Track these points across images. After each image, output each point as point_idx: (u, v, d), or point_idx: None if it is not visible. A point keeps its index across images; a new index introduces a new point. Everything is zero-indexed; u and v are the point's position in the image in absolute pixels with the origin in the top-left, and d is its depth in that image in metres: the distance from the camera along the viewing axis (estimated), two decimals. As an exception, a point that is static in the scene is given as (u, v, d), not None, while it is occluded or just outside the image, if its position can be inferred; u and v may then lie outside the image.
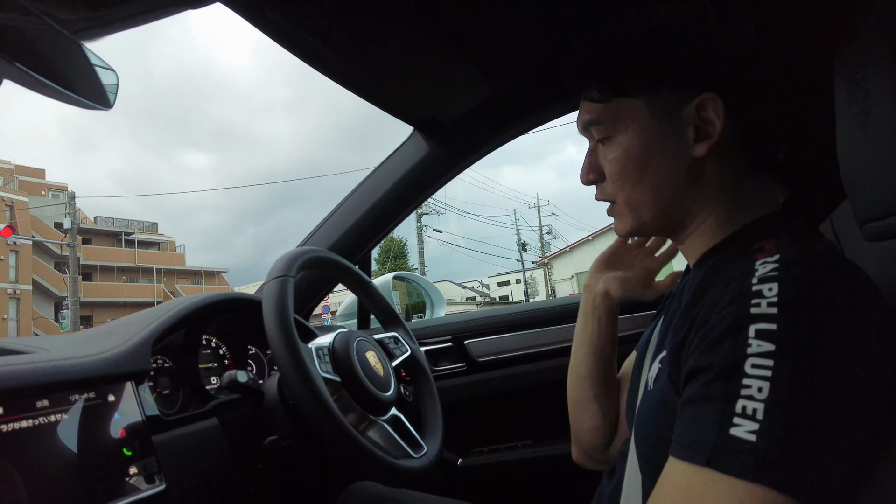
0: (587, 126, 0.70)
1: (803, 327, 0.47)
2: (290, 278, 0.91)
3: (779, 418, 0.45)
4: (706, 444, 0.47)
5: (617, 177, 0.68)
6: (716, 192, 0.67)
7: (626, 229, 0.71)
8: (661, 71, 0.64)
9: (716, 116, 0.63)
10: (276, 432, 0.92)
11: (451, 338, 1.54)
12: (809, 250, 0.55)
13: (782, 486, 0.44)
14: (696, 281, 0.63)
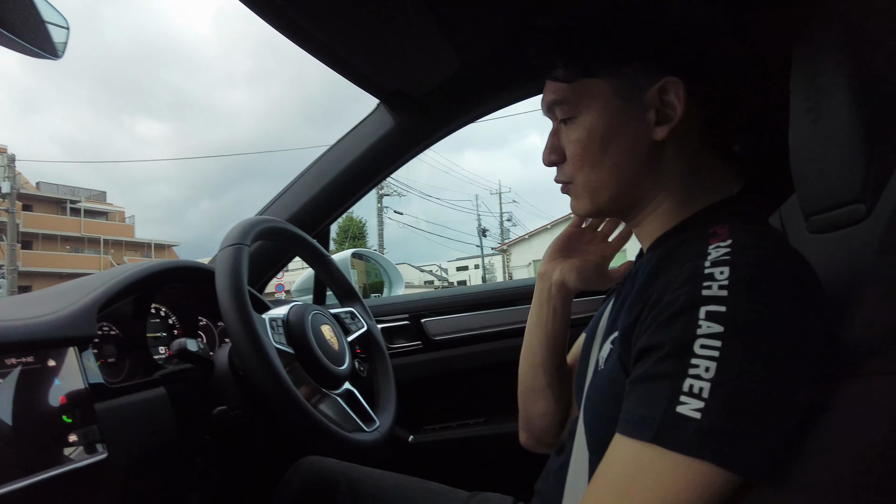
0: (552, 106, 0.71)
1: (751, 310, 0.49)
2: (244, 247, 0.88)
3: (723, 397, 0.47)
4: (653, 421, 0.49)
5: (578, 157, 0.68)
6: (674, 176, 0.68)
7: (583, 209, 0.72)
8: (626, 51, 0.65)
9: (677, 100, 0.64)
10: (226, 403, 0.90)
11: (408, 316, 1.54)
12: (760, 236, 0.56)
13: (722, 461, 0.46)
14: (651, 263, 0.65)
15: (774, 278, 0.51)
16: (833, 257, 0.71)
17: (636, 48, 0.65)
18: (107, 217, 31.52)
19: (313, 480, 0.99)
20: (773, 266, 0.52)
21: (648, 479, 0.49)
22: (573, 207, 0.74)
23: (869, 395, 0.49)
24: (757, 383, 0.47)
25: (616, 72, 0.65)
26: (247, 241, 0.90)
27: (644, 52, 0.65)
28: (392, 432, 1.03)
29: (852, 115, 0.65)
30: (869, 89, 0.64)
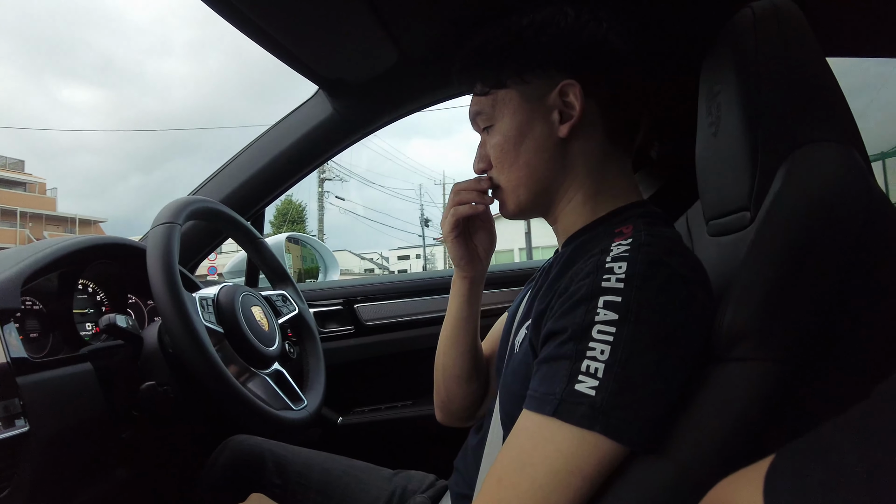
0: (475, 117, 0.79)
1: (641, 300, 0.56)
2: (176, 226, 0.89)
3: (614, 377, 0.54)
4: (554, 397, 0.55)
5: (498, 160, 0.76)
6: (582, 171, 0.75)
7: (510, 211, 0.79)
8: (528, 63, 0.73)
9: (575, 100, 0.72)
10: (155, 379, 0.91)
11: (341, 301, 1.57)
12: (656, 237, 0.63)
13: (610, 432, 0.53)
14: (564, 257, 0.72)
15: (663, 274, 0.58)
16: (725, 258, 0.79)
17: (535, 61, 0.73)
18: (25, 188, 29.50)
19: (241, 457, 1.01)
20: (664, 263, 0.59)
21: (548, 449, 0.55)
22: (501, 212, 0.81)
23: (731, 378, 0.56)
24: (643, 365, 0.54)
25: (521, 80, 0.73)
26: (179, 220, 0.90)
27: (543, 61, 0.73)
28: (319, 411, 1.05)
29: (743, 131, 0.73)
30: (757, 108, 0.71)
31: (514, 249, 23.47)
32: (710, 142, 0.84)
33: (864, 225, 0.59)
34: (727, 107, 0.77)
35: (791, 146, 0.69)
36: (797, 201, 0.62)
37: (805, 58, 0.71)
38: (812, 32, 0.73)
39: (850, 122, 0.71)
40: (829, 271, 0.58)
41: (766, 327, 0.57)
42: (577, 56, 0.73)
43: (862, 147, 0.70)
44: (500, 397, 0.75)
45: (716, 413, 0.56)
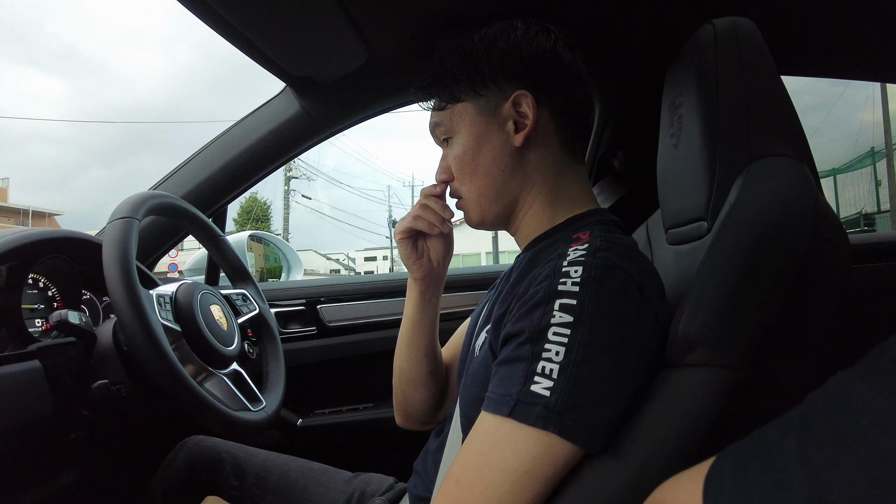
0: (434, 130, 0.81)
1: (595, 303, 0.57)
2: (135, 220, 0.87)
3: (568, 378, 0.55)
4: (510, 398, 0.56)
5: (459, 171, 0.78)
6: (540, 179, 0.77)
7: (474, 220, 0.81)
8: (480, 76, 0.76)
9: (528, 109, 0.74)
10: (108, 378, 0.88)
11: (304, 301, 1.55)
12: (612, 243, 0.65)
13: (564, 433, 0.54)
14: (525, 262, 0.74)
15: (619, 279, 0.59)
16: (682, 266, 0.81)
17: (487, 72, 0.75)
18: (-28, 177, 28.21)
19: (197, 459, 0.99)
20: (619, 268, 0.60)
21: (505, 449, 0.56)
22: (466, 221, 0.82)
23: (686, 383, 0.58)
24: (596, 367, 0.55)
25: (475, 93, 0.76)
26: (138, 215, 0.88)
27: (494, 74, 0.75)
28: (278, 413, 1.04)
29: (702, 143, 0.75)
30: (715, 121, 0.74)
31: (482, 253, 23.62)
32: (671, 153, 0.86)
33: (811, 237, 0.62)
34: (688, 119, 0.79)
35: (747, 160, 0.71)
36: (751, 213, 0.64)
37: (762, 75, 0.74)
38: (769, 51, 0.76)
39: (802, 138, 0.74)
40: (779, 281, 0.60)
41: (719, 334, 0.58)
42: (527, 67, 0.75)
43: (812, 163, 0.73)
44: (460, 401, 0.75)
45: (671, 417, 0.57)
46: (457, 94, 0.77)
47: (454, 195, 0.82)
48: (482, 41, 0.76)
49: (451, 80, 0.77)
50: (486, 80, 0.75)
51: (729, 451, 0.36)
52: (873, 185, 12.99)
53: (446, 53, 0.79)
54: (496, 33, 0.76)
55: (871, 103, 13.14)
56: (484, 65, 0.75)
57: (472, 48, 0.76)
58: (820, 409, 0.30)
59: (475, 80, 0.76)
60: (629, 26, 1.13)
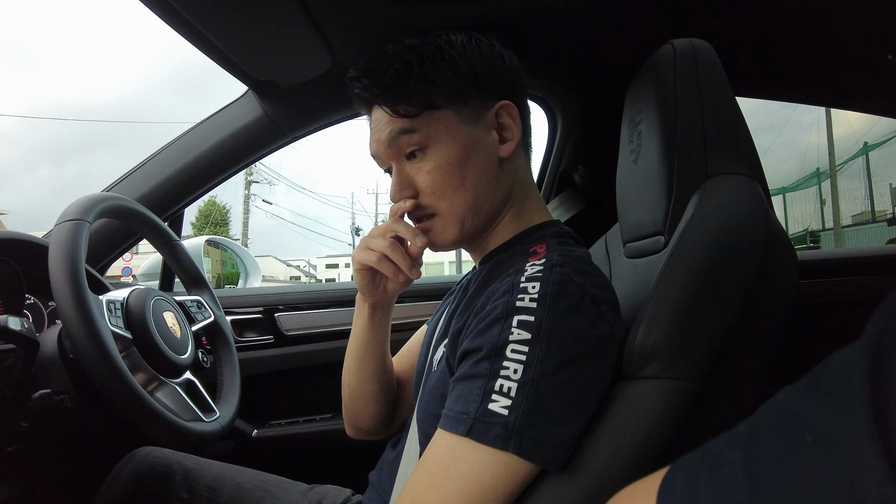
0: (398, 139, 0.72)
1: (552, 320, 0.56)
2: (85, 223, 0.84)
3: (526, 396, 0.54)
4: (468, 416, 0.55)
5: (438, 186, 0.71)
6: (514, 192, 0.76)
7: (450, 239, 0.74)
8: (466, 84, 0.72)
9: (512, 120, 0.74)
10: (51, 387, 0.84)
11: (262, 309, 1.52)
12: (570, 256, 0.65)
13: (523, 453, 0.54)
14: (482, 275, 0.73)
15: (575, 294, 0.59)
16: (639, 280, 0.82)
17: (475, 82, 0.72)
18: None
19: (146, 471, 0.95)
20: (575, 283, 0.60)
21: (462, 468, 0.55)
22: (438, 241, 0.75)
23: (642, 395, 0.59)
24: (554, 385, 0.55)
25: (460, 101, 0.71)
26: (88, 217, 0.85)
27: (481, 84, 0.72)
28: (233, 423, 1.01)
29: (661, 160, 0.77)
30: (674, 139, 0.76)
31: (445, 262, 23.57)
32: (631, 168, 0.88)
33: (763, 253, 0.64)
34: (647, 136, 0.81)
35: (703, 176, 0.73)
36: (706, 229, 0.66)
37: (718, 95, 0.77)
38: (724, 73, 0.78)
39: (755, 157, 0.77)
40: (732, 295, 0.62)
41: (675, 346, 0.60)
42: (509, 78, 0.75)
43: (764, 181, 0.76)
44: (417, 415, 0.74)
45: (627, 428, 0.58)
46: (435, 101, 0.71)
47: (422, 213, 0.74)
48: (454, 49, 0.72)
49: (427, 85, 0.70)
50: (472, 89, 0.72)
51: (681, 462, 0.36)
52: (819, 204, 13.59)
53: (425, 53, 0.72)
54: (466, 43, 0.74)
55: (818, 126, 13.77)
56: (470, 72, 0.72)
57: (445, 54, 0.72)
58: (766, 423, 0.30)
59: (460, 87, 0.71)
60: (591, 44, 1.15)
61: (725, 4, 1.03)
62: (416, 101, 0.70)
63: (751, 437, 0.31)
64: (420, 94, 0.70)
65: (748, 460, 0.30)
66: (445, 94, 0.71)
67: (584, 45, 1.15)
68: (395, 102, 0.71)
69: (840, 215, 12.76)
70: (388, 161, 0.75)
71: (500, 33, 1.06)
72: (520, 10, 1.01)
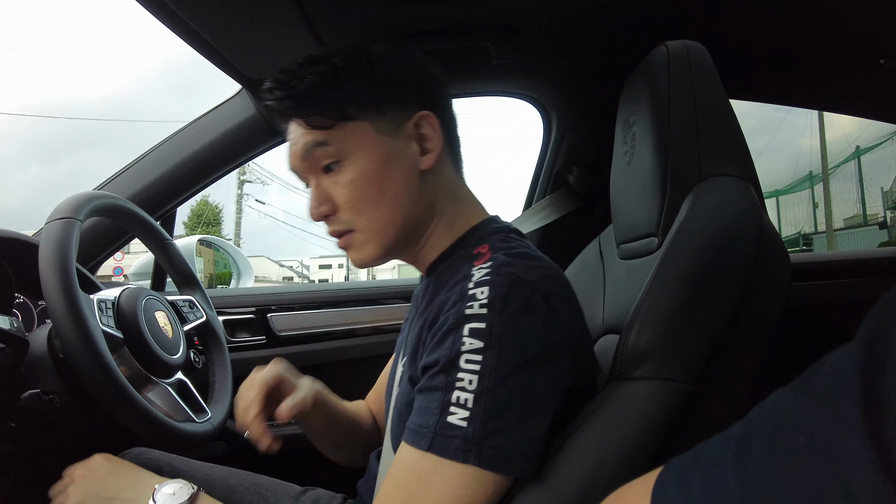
0: (312, 152, 0.69)
1: (504, 324, 0.55)
2: (76, 221, 0.83)
3: (483, 406, 0.53)
4: (428, 431, 0.55)
5: (356, 200, 0.69)
6: (443, 199, 0.74)
7: (371, 256, 0.72)
8: (382, 94, 0.69)
9: (432, 131, 0.71)
10: (40, 387, 0.83)
11: (254, 309, 1.51)
12: (514, 253, 0.63)
13: (485, 464, 0.53)
14: (430, 287, 0.72)
15: (524, 293, 0.57)
16: (633, 281, 0.82)
17: (391, 92, 0.70)
18: None
19: None
20: (524, 282, 0.58)
21: (427, 484, 0.55)
22: (359, 259, 0.73)
23: (634, 396, 0.59)
24: (510, 390, 0.54)
25: (377, 112, 0.69)
26: (79, 215, 0.84)
27: (398, 93, 0.70)
28: (224, 424, 1.01)
29: (654, 161, 0.77)
30: (667, 140, 0.76)
31: None
32: (625, 169, 0.88)
33: (756, 255, 0.64)
34: (641, 137, 0.81)
35: (696, 178, 0.74)
36: (700, 230, 0.66)
37: (711, 97, 0.77)
38: (718, 75, 0.79)
39: (748, 159, 0.77)
40: (725, 296, 0.62)
41: (667, 348, 0.60)
42: (427, 87, 0.73)
43: (757, 183, 0.76)
44: (389, 435, 0.73)
45: (620, 431, 0.58)
46: (349, 112, 0.68)
47: (340, 230, 0.72)
48: (370, 58, 0.70)
49: (340, 95, 0.68)
50: (389, 99, 0.70)
51: (674, 463, 0.37)
52: (811, 207, 13.67)
53: (323, 67, 0.69)
54: (384, 52, 0.72)
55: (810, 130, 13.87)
56: (387, 82, 0.70)
57: (361, 64, 0.70)
58: (759, 424, 0.30)
59: (376, 97, 0.69)
60: (586, 45, 1.15)
61: (719, 7, 1.03)
62: (329, 113, 0.68)
63: (744, 437, 0.31)
64: (334, 105, 0.68)
65: (741, 461, 0.30)
66: (360, 105, 0.68)
67: (579, 45, 1.15)
68: (307, 114, 0.68)
69: (832, 218, 12.85)
70: (306, 175, 0.73)
71: (495, 33, 1.07)
72: (514, 10, 1.01)
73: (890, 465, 0.22)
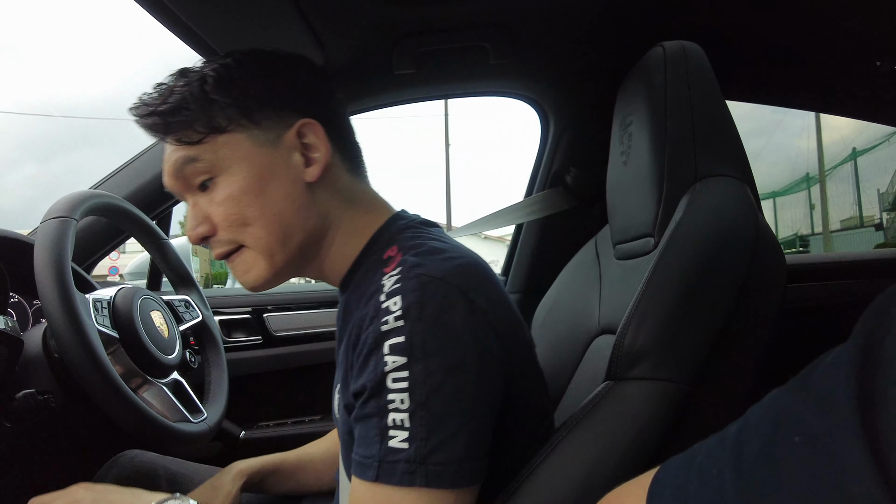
0: (183, 168, 0.64)
1: (423, 332, 0.52)
2: (71, 220, 0.82)
3: (419, 422, 0.51)
4: (373, 460, 0.52)
5: (234, 217, 0.64)
6: (337, 210, 0.68)
7: (262, 277, 0.67)
8: (257, 103, 0.64)
9: (318, 140, 0.66)
10: (34, 387, 0.83)
11: (250, 309, 1.51)
12: (423, 250, 0.60)
13: (431, 482, 0.51)
14: (346, 305, 0.69)
15: (439, 293, 0.54)
16: (629, 281, 0.83)
17: (266, 100, 0.65)
18: None
19: (130, 475, 0.94)
20: (437, 281, 0.55)
21: None
22: (247, 282, 0.68)
23: (629, 395, 0.59)
24: (444, 400, 0.52)
25: (251, 123, 0.64)
26: (75, 215, 0.84)
27: (274, 102, 0.65)
28: (220, 424, 1.00)
29: (651, 161, 0.77)
30: (664, 140, 0.76)
31: None
32: (621, 169, 0.88)
33: (751, 255, 0.64)
34: (637, 137, 0.81)
35: (693, 178, 0.74)
36: (695, 231, 0.66)
37: (708, 97, 0.77)
38: (714, 76, 0.79)
39: (744, 160, 0.78)
40: (720, 297, 0.62)
41: (664, 348, 0.60)
42: (308, 94, 0.68)
43: (753, 183, 0.76)
44: (341, 460, 0.71)
45: (617, 431, 0.58)
46: (219, 124, 0.63)
47: (223, 251, 0.67)
48: (242, 67, 0.65)
49: (208, 106, 0.63)
50: (264, 107, 0.64)
51: (671, 463, 0.36)
52: (808, 208, 13.71)
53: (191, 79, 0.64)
54: (258, 60, 0.67)
55: (807, 131, 13.92)
56: (260, 91, 0.64)
57: (232, 73, 0.64)
58: (755, 424, 0.30)
59: (248, 106, 0.63)
60: (583, 45, 1.15)
61: (716, 8, 1.04)
62: (198, 126, 0.63)
63: (740, 438, 0.31)
64: (202, 118, 0.63)
65: (738, 461, 0.30)
66: (231, 116, 0.63)
67: (576, 46, 1.15)
68: (172, 129, 0.63)
69: (829, 220, 12.89)
70: (183, 195, 0.67)
71: (492, 33, 1.07)
72: (512, 10, 1.01)
73: (884, 464, 0.22)
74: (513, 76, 1.31)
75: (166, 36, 0.93)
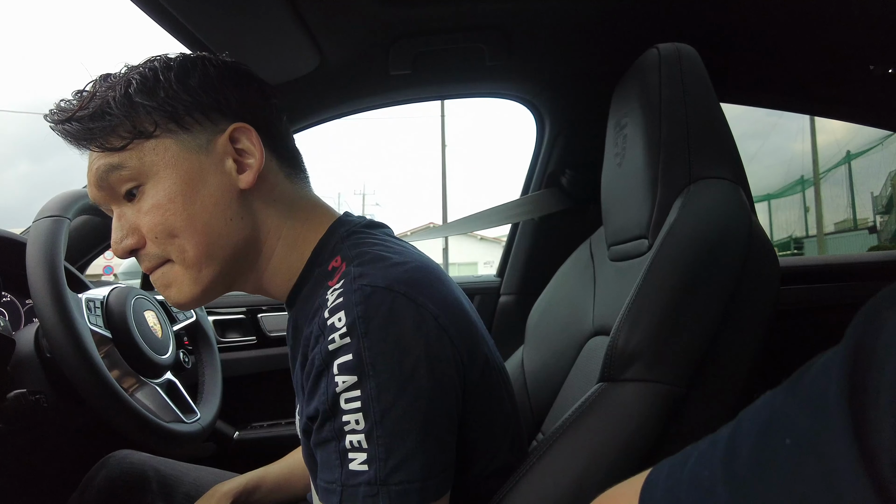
0: (107, 177, 0.60)
1: (371, 347, 0.50)
2: (64, 219, 0.82)
3: (377, 442, 0.49)
4: (337, 485, 0.51)
5: (160, 228, 0.59)
6: (275, 222, 0.65)
7: (190, 294, 0.62)
8: (185, 108, 0.60)
9: (252, 145, 0.62)
10: (26, 387, 0.82)
11: (244, 310, 1.50)
12: (366, 257, 0.58)
13: (394, 502, 0.49)
14: (294, 322, 0.66)
15: (384, 303, 0.52)
16: (623, 282, 0.83)
17: (195, 104, 0.61)
18: None
19: (120, 477, 0.92)
20: (381, 290, 0.53)
21: None
22: (175, 299, 0.63)
23: (622, 397, 0.59)
24: (400, 416, 0.50)
25: (180, 127, 0.60)
26: (68, 213, 0.84)
27: (203, 106, 0.61)
28: (214, 425, 1.00)
29: (645, 163, 0.77)
30: (658, 142, 0.76)
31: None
32: (616, 171, 0.88)
33: (745, 257, 0.64)
34: (632, 139, 0.81)
35: (687, 181, 0.74)
36: (689, 233, 0.66)
37: (702, 100, 0.77)
38: (709, 78, 0.79)
39: (738, 162, 0.78)
40: (714, 299, 0.63)
41: (657, 350, 0.60)
42: (240, 99, 0.64)
43: (747, 186, 0.76)
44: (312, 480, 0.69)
45: (609, 433, 0.58)
46: (145, 128, 0.59)
47: (152, 265, 0.62)
48: (169, 69, 0.61)
49: (133, 110, 0.59)
50: (193, 111, 0.60)
51: (663, 465, 0.36)
52: (803, 211, 13.77)
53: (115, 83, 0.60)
54: (186, 62, 0.63)
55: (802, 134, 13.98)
56: (188, 94, 0.60)
57: (159, 76, 0.60)
58: (747, 426, 0.30)
59: (175, 110, 0.60)
60: (579, 47, 1.16)
61: (711, 10, 1.04)
62: (122, 131, 0.59)
63: (732, 440, 0.31)
64: (126, 123, 0.59)
65: (730, 463, 0.30)
66: (158, 121, 0.59)
67: (572, 48, 1.15)
68: (95, 135, 0.59)
69: (823, 223, 12.94)
70: (108, 206, 0.63)
71: (489, 35, 1.07)
72: (508, 12, 1.01)
73: (874, 466, 0.22)
74: (508, 78, 1.31)
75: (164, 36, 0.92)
